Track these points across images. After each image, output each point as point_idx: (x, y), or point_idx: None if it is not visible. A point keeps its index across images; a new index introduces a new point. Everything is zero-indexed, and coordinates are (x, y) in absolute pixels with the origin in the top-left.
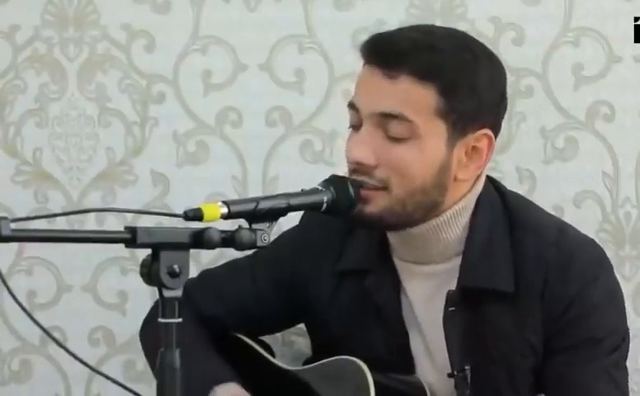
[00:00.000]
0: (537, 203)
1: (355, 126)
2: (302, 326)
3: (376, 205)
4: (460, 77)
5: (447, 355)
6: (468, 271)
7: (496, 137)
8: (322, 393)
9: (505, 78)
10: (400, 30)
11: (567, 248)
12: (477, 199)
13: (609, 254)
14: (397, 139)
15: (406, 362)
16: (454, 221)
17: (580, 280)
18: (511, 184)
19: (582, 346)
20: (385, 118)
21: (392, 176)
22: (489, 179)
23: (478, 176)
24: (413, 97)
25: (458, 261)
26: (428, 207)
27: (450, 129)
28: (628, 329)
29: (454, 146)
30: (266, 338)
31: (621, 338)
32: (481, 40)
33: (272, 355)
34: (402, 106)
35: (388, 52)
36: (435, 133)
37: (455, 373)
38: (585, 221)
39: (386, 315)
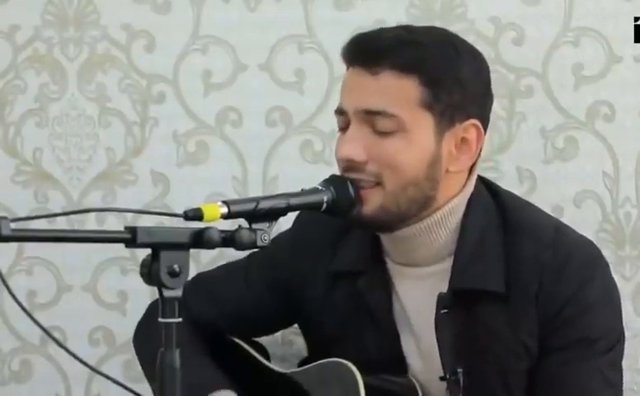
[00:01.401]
0: (537, 203)
1: (343, 129)
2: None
3: (371, 203)
4: (443, 69)
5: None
6: (459, 272)
7: (484, 129)
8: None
9: (489, 71)
10: (381, 29)
11: (563, 249)
12: (468, 200)
13: (609, 254)
14: (384, 133)
15: (398, 364)
16: (445, 222)
17: (576, 280)
18: (511, 184)
19: (576, 346)
20: (370, 114)
21: (383, 171)
22: (482, 180)
23: (469, 176)
24: (396, 91)
25: (450, 262)
26: (421, 202)
27: (437, 120)
28: (623, 330)
29: (442, 137)
30: (265, 338)
31: (616, 339)
32: (481, 39)
33: (267, 356)
34: (385, 101)
35: (370, 49)
36: (421, 125)
37: (447, 376)
38: (585, 221)
39: (378, 317)
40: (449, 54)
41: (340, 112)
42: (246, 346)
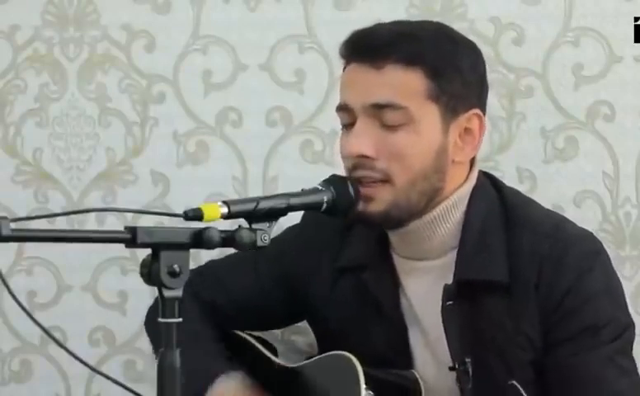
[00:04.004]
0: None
1: (348, 125)
2: (301, 325)
3: (381, 201)
4: (444, 61)
5: (447, 349)
6: (463, 264)
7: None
8: (312, 388)
9: (484, 63)
10: (379, 25)
11: (561, 241)
12: (471, 193)
13: (609, 254)
14: (393, 127)
15: (404, 357)
16: (449, 214)
17: (574, 271)
18: (511, 184)
19: (582, 336)
20: (378, 108)
21: (392, 166)
22: (486, 175)
23: (471, 169)
24: (402, 84)
25: (453, 255)
26: (430, 195)
27: (443, 111)
28: (631, 320)
29: (448, 128)
30: (265, 337)
31: (622, 328)
32: (481, 40)
33: (273, 350)
34: (393, 93)
35: (372, 45)
36: (428, 116)
37: (457, 366)
38: (585, 221)
39: (385, 310)
40: (448, 46)
41: (344, 109)
42: (251, 338)
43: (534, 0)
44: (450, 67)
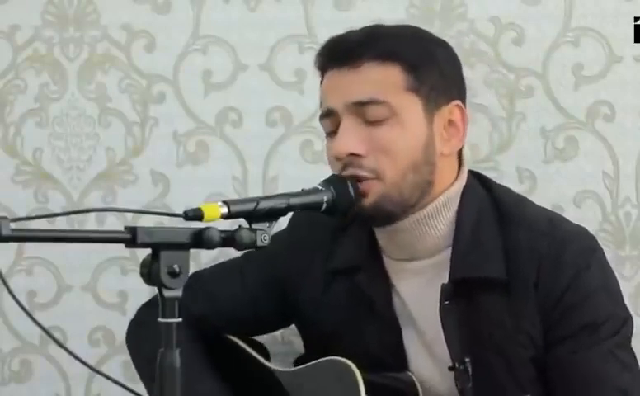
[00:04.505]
0: (537, 203)
1: (332, 132)
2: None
3: (373, 193)
4: (420, 55)
5: (445, 349)
6: (458, 262)
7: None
8: (309, 395)
9: (460, 62)
10: (352, 30)
11: (559, 238)
12: (462, 193)
13: (609, 254)
14: (377, 122)
15: (398, 357)
16: (441, 213)
17: (572, 268)
18: (511, 184)
19: (581, 333)
20: (360, 106)
21: (381, 161)
22: (475, 175)
23: (460, 168)
24: (381, 79)
25: (446, 254)
26: (422, 188)
27: (424, 102)
28: (628, 314)
29: (432, 120)
30: (266, 337)
31: (620, 323)
32: (481, 40)
33: (266, 354)
34: (373, 90)
35: (347, 48)
36: (410, 107)
37: (456, 365)
38: (585, 221)
39: (378, 311)
40: (423, 42)
41: (328, 114)
42: (244, 344)
43: (534, 0)
44: (427, 60)
